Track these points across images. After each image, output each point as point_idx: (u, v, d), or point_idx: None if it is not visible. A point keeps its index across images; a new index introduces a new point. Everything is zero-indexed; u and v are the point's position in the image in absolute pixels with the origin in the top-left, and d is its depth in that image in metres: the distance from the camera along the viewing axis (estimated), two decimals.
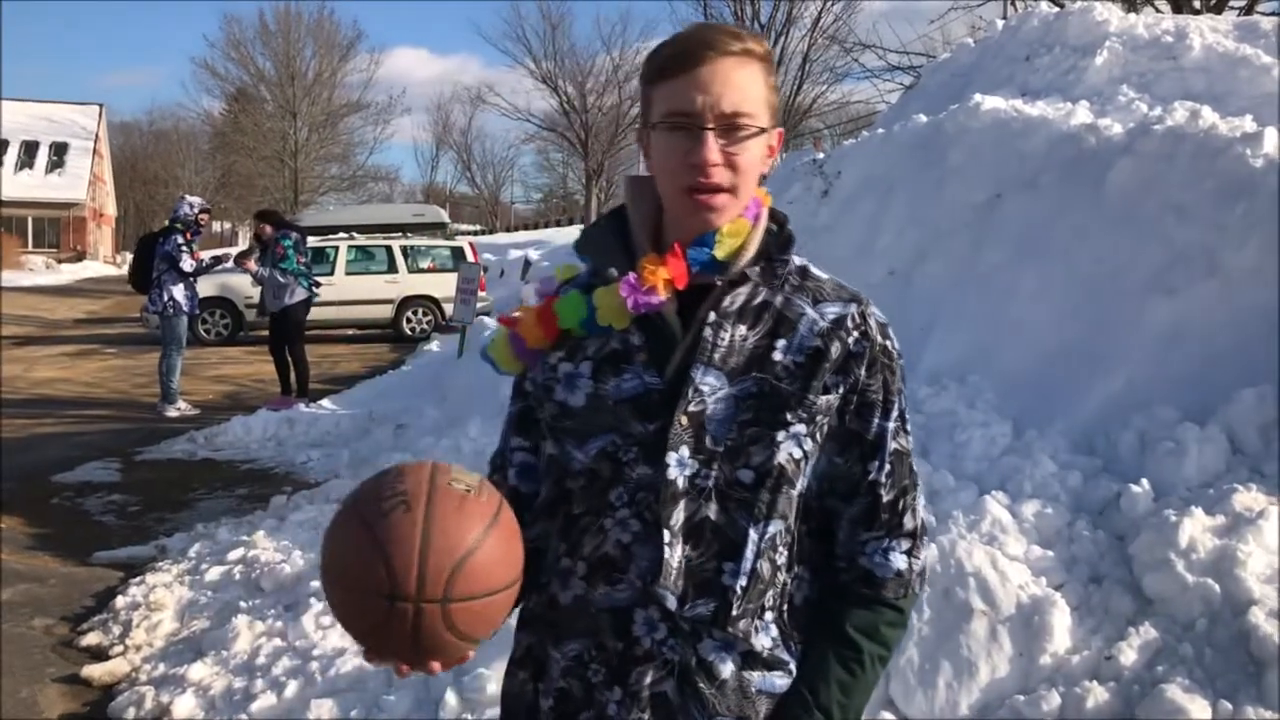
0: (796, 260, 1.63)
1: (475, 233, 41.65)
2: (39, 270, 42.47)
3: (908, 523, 1.60)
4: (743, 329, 1.54)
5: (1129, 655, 3.44)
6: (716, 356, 1.52)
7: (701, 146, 1.47)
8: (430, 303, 18.87)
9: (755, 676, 1.54)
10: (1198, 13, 12.87)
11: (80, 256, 51.31)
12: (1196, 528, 3.70)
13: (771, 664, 1.55)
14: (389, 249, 19.42)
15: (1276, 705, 3.14)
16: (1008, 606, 3.61)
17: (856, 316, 1.58)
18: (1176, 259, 5.08)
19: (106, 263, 53.88)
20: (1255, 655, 3.29)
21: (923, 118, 7.33)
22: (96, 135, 56.39)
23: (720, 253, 1.54)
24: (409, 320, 18.96)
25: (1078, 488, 4.34)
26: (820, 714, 1.53)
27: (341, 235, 19.88)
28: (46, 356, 16.67)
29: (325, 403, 10.79)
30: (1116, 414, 4.67)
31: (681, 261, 1.52)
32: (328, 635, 4.65)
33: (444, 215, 23.69)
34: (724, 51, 1.49)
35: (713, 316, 1.53)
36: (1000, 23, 10.39)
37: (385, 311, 18.94)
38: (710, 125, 1.47)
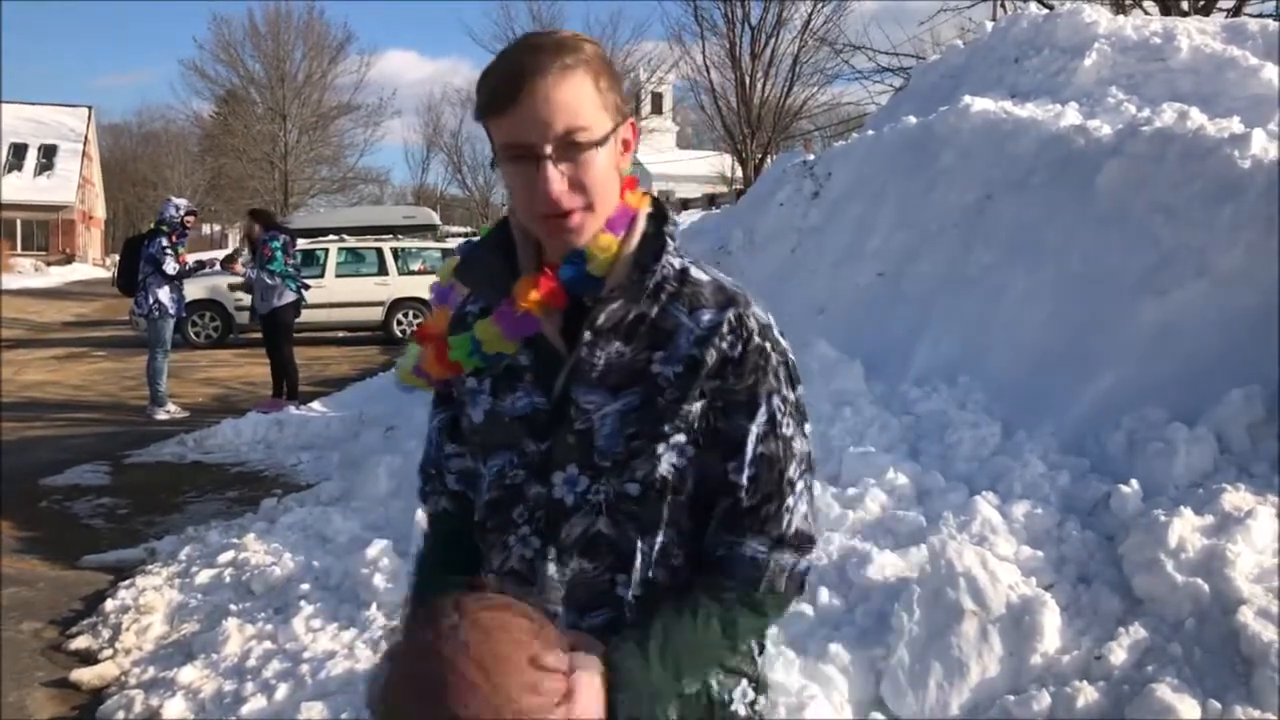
0: (676, 263, 1.57)
1: (466, 235, 41.62)
2: (28, 273, 42.32)
3: (772, 529, 1.54)
4: (618, 344, 1.53)
5: (1118, 655, 3.45)
6: (595, 375, 1.52)
7: (542, 178, 1.45)
8: (421, 305, 18.80)
9: None
10: (1186, 14, 12.91)
11: (69, 259, 51.14)
12: (1185, 527, 3.71)
13: None
14: (379, 251, 19.38)
15: (1266, 704, 3.16)
16: (998, 607, 3.62)
17: (732, 320, 1.53)
18: (1165, 260, 5.10)
19: (95, 265, 53.70)
20: (1244, 654, 3.30)
21: (913, 119, 7.34)
22: (85, 137, 56.21)
23: (593, 268, 1.53)
24: (399, 322, 18.91)
25: (1067, 488, 4.35)
26: (633, 644, 1.47)
27: (332, 237, 19.83)
28: (35, 359, 16.60)
29: (315, 405, 10.76)
30: (1106, 414, 4.69)
31: (553, 282, 1.52)
32: (318, 638, 4.65)
33: (434, 217, 23.68)
34: (543, 73, 1.45)
35: (589, 335, 1.52)
36: (990, 24, 10.42)
37: (376, 314, 18.90)
38: (547, 153, 1.45)
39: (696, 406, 1.52)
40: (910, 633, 3.63)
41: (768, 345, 1.55)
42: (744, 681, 1.62)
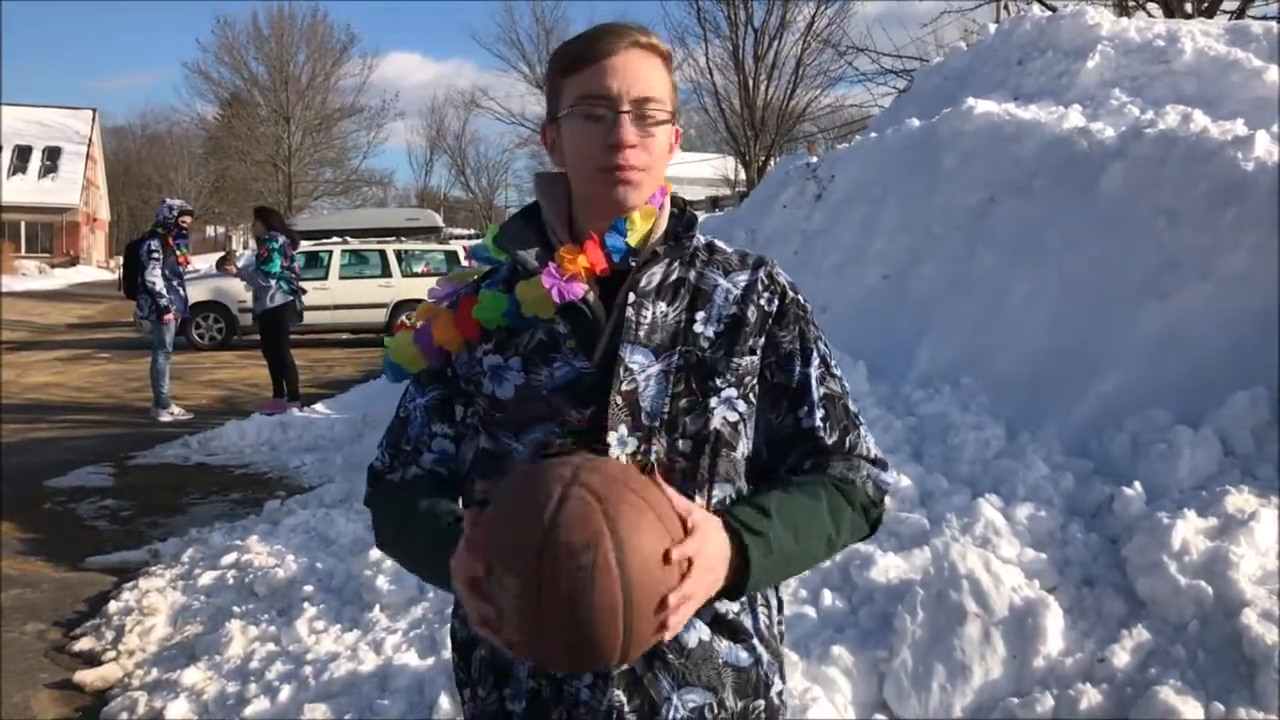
0: (702, 238, 1.69)
1: (469, 237, 41.64)
2: (32, 275, 42.42)
3: (855, 455, 1.64)
4: (663, 305, 1.59)
5: (1122, 657, 3.44)
6: (641, 334, 1.56)
7: (619, 128, 1.53)
8: None
9: (723, 646, 1.57)
10: (1189, 16, 12.90)
11: (73, 261, 51.26)
12: (1189, 530, 3.71)
13: (736, 631, 1.58)
14: (383, 253, 19.40)
15: (1268, 707, 3.15)
16: (1001, 609, 3.62)
17: (765, 279, 1.65)
18: (1168, 262, 5.10)
19: (100, 267, 53.82)
20: (1247, 657, 3.29)
21: (916, 122, 7.35)
22: (90, 140, 56.33)
23: (633, 239, 1.60)
24: (403, 324, 18.89)
25: (1071, 490, 4.35)
26: (748, 506, 1.50)
27: (335, 239, 19.86)
28: (39, 361, 16.63)
29: (319, 407, 10.77)
30: (1109, 416, 4.69)
31: (598, 248, 1.58)
32: (321, 639, 4.65)
33: (438, 219, 23.66)
34: (634, 42, 1.56)
35: (632, 297, 1.58)
36: (993, 27, 10.42)
37: (379, 316, 18.91)
38: (625, 109, 1.53)
39: (747, 361, 1.60)
40: (913, 635, 3.63)
41: (800, 297, 1.67)
42: (778, 671, 1.65)
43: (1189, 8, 14.43)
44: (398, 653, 4.36)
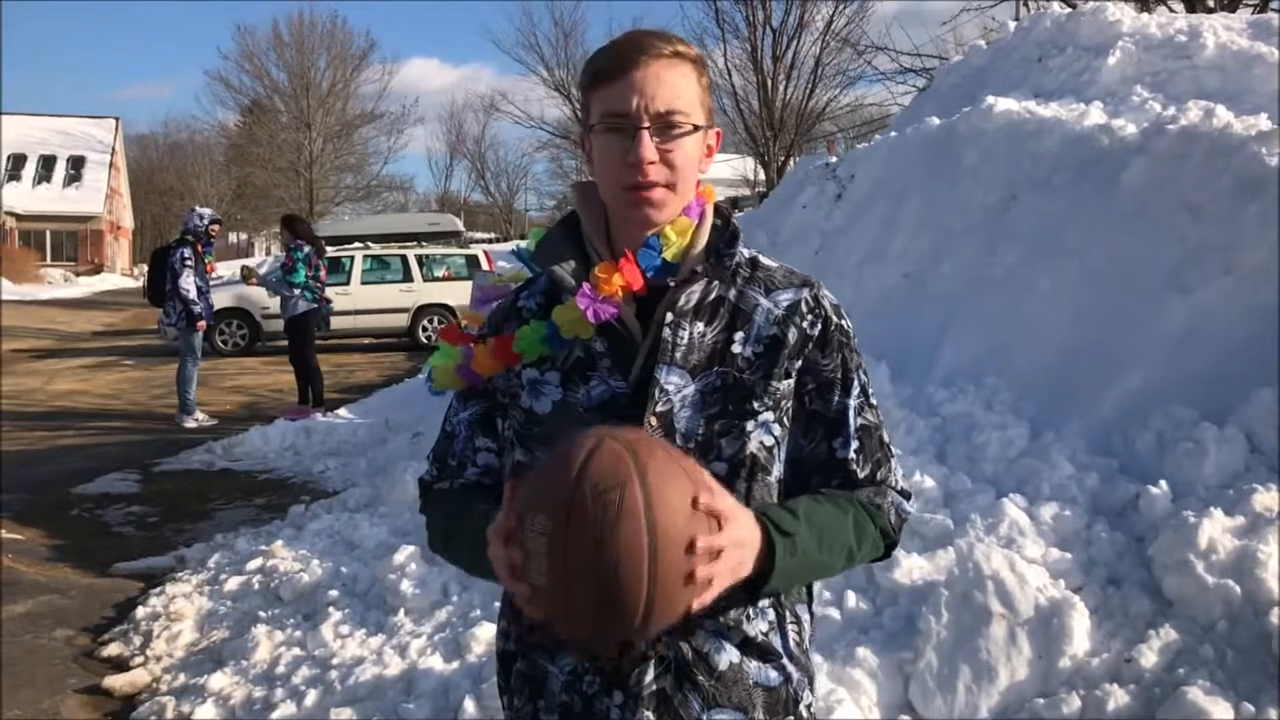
0: (746, 252, 1.65)
1: (490, 241, 41.71)
2: (57, 283, 42.75)
3: (890, 485, 1.66)
4: (700, 325, 1.57)
5: (1149, 657, 3.42)
6: (678, 355, 1.55)
7: (638, 146, 1.52)
8: (446, 311, 18.89)
9: (752, 667, 1.56)
10: (1211, 11, 12.81)
11: (98, 269, 51.62)
12: (1216, 528, 3.68)
13: (766, 652, 1.57)
14: (404, 258, 19.48)
15: None
16: (1026, 609, 3.60)
17: (810, 300, 1.62)
18: (1191, 258, 5.06)
19: (124, 275, 54.20)
20: (1277, 656, 3.27)
21: (936, 120, 7.32)
22: (113, 148, 56.79)
23: (669, 254, 1.58)
24: (425, 329, 18.99)
25: (1096, 489, 4.32)
26: (788, 512, 1.51)
27: (357, 245, 19.94)
28: (65, 369, 16.76)
29: (342, 412, 10.83)
30: (1133, 414, 4.66)
31: (634, 266, 1.56)
32: (346, 644, 4.67)
33: (458, 224, 23.75)
34: (656, 54, 1.54)
35: (670, 317, 1.56)
36: (1012, 24, 10.38)
37: (401, 320, 19.00)
38: (645, 125, 1.52)
39: (784, 385, 1.58)
40: (938, 636, 3.62)
41: (845, 323, 1.65)
42: (808, 685, 1.65)
43: (1210, 2, 14.33)
44: (423, 656, 4.37)
